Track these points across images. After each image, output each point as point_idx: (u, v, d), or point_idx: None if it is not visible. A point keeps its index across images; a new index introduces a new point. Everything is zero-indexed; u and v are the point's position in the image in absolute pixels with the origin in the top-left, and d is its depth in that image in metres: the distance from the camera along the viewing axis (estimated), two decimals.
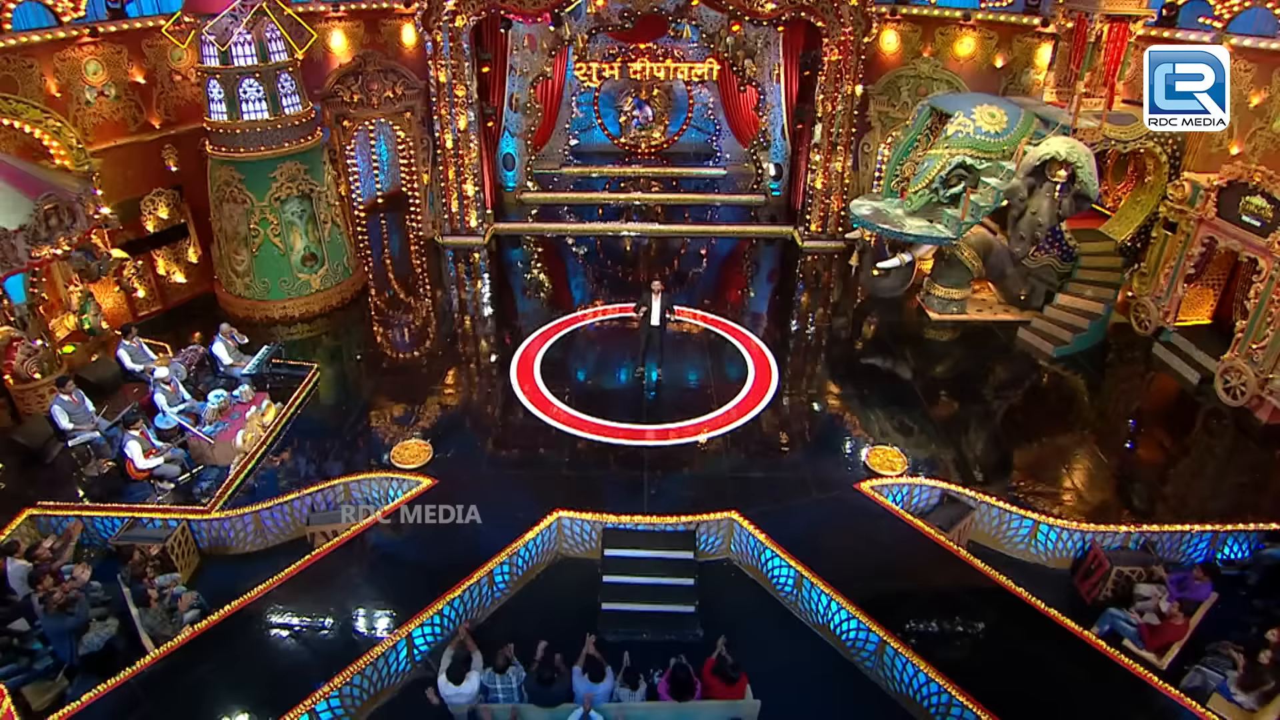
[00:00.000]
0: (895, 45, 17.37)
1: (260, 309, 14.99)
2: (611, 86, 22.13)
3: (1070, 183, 12.96)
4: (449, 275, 17.64)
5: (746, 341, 14.48)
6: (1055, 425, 12.40)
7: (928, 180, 14.11)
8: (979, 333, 15.09)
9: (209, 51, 13.40)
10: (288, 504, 10.22)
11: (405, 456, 11.11)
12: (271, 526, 10.21)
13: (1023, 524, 10.02)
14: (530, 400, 12.58)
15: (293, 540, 10.19)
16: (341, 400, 12.91)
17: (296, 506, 10.28)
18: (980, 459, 11.48)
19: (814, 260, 18.26)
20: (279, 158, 14.20)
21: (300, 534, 10.18)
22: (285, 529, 10.27)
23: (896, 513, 10.12)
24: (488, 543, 9.41)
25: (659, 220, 19.86)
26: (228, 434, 11.08)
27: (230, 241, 14.66)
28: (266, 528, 10.19)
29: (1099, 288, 14.29)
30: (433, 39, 16.58)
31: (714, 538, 9.96)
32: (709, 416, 12.19)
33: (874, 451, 11.37)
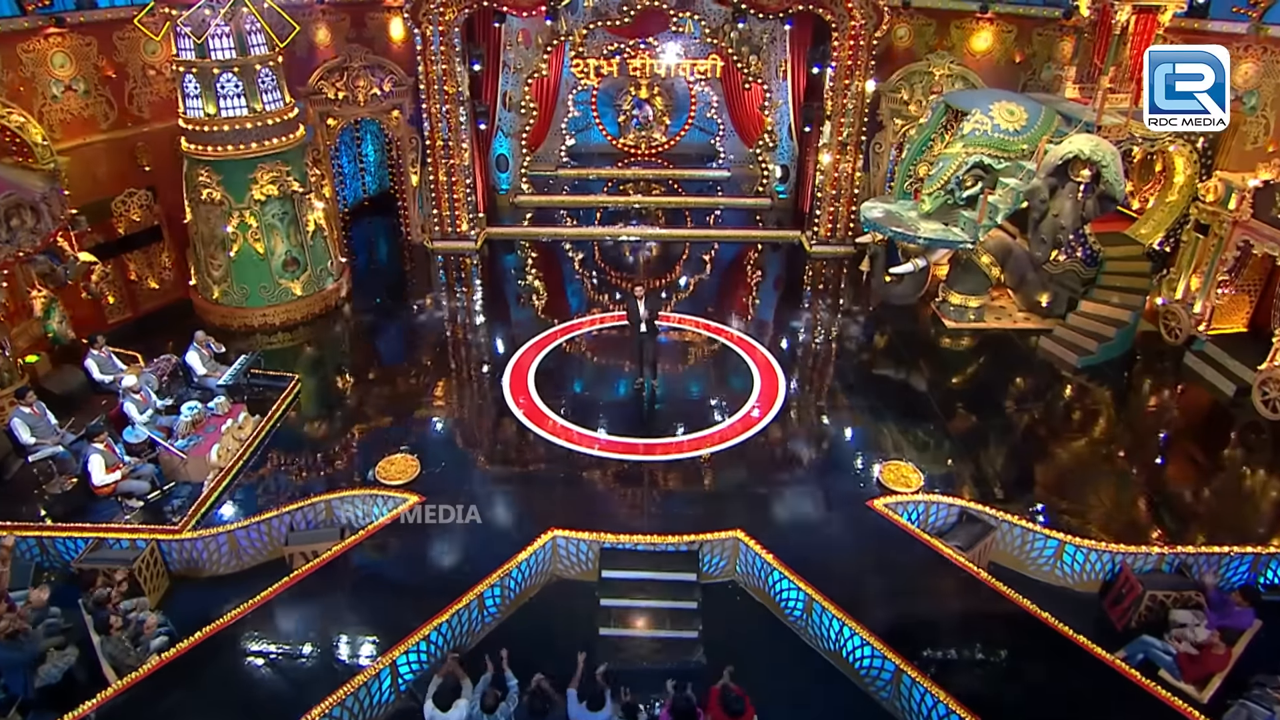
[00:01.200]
0: (908, 40, 17.35)
1: (239, 316, 14.87)
2: (610, 85, 22.09)
3: (1094, 183, 12.87)
4: (439, 281, 17.55)
5: (752, 351, 14.37)
6: (1080, 440, 12.25)
7: (943, 181, 14.02)
8: (998, 342, 14.98)
9: (184, 44, 13.32)
10: (265, 523, 10.06)
11: (391, 472, 10.97)
12: (248, 547, 10.05)
13: (1047, 544, 9.87)
14: (524, 412, 12.46)
15: (271, 561, 10.02)
16: (324, 413, 12.80)
17: (275, 525, 10.13)
18: (1000, 475, 11.33)
19: (823, 266, 18.18)
20: (259, 157, 14.09)
21: (278, 555, 10.02)
22: (263, 549, 10.12)
23: (913, 532, 9.97)
24: (478, 563, 9.26)
25: (660, 224, 19.78)
26: (202, 448, 10.93)
27: (207, 245, 14.54)
28: (242, 548, 10.03)
29: (1126, 294, 14.17)
30: (422, 33, 16.53)
31: (718, 558, 9.82)
32: (713, 430, 12.05)
33: (887, 467, 11.23)
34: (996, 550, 10.16)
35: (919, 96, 17.14)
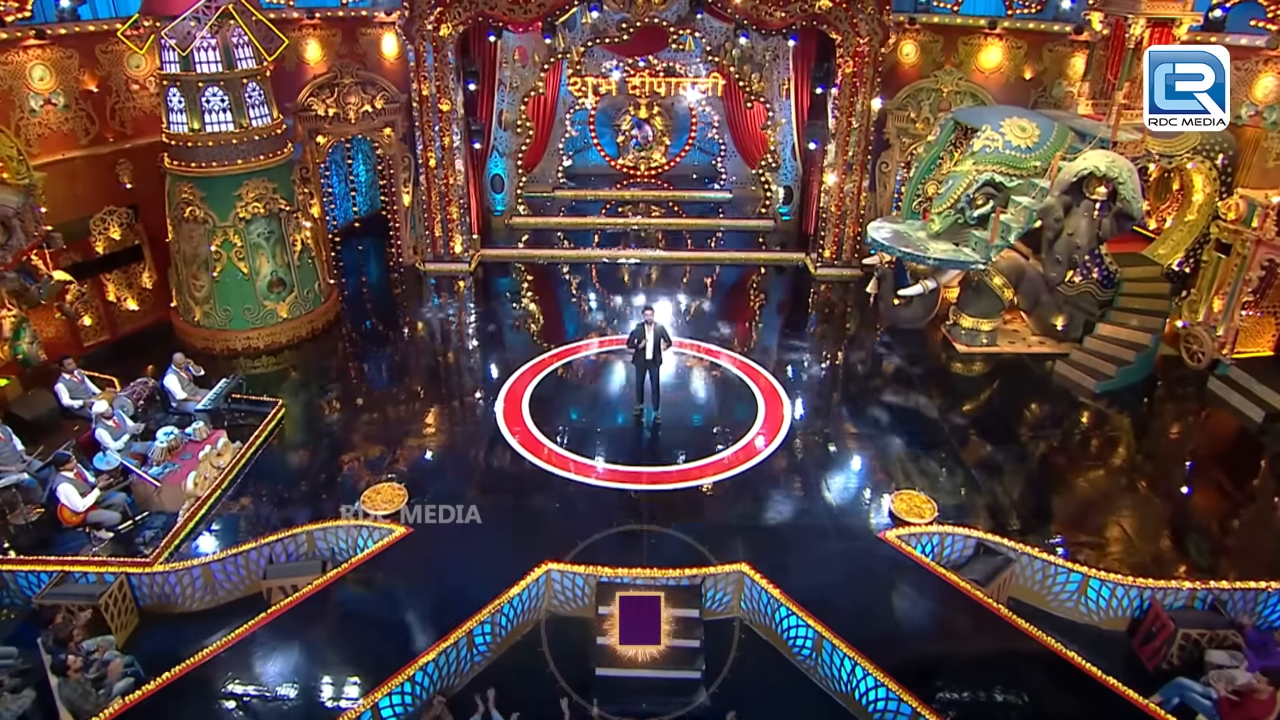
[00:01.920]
0: (914, 57, 17.30)
1: (221, 339, 14.63)
2: (609, 104, 22.06)
3: (1111, 200, 12.75)
4: (431, 305, 17.37)
5: (756, 376, 14.14)
6: (1101, 468, 12.02)
7: (953, 200, 13.90)
8: (1011, 366, 14.78)
9: (169, 57, 13.22)
10: (243, 555, 9.76)
11: (377, 501, 10.73)
12: (224, 580, 9.74)
13: (1070, 578, 9.57)
14: (517, 440, 12.23)
15: (248, 596, 9.70)
16: (308, 440, 12.58)
17: (253, 558, 9.82)
18: (1016, 506, 11.06)
19: (828, 289, 18.02)
20: (245, 174, 13.96)
21: (256, 589, 9.70)
22: (240, 583, 9.80)
23: (927, 565, 9.69)
24: (467, 599, 8.96)
25: (660, 246, 19.63)
26: (177, 476, 10.64)
27: (189, 265, 14.34)
28: (218, 582, 9.71)
29: (1145, 316, 13.97)
30: (415, 49, 16.48)
31: (722, 593, 9.52)
32: (716, 458, 11.82)
33: (900, 497, 10.97)
34: (1015, 585, 9.86)
35: (926, 114, 17.07)
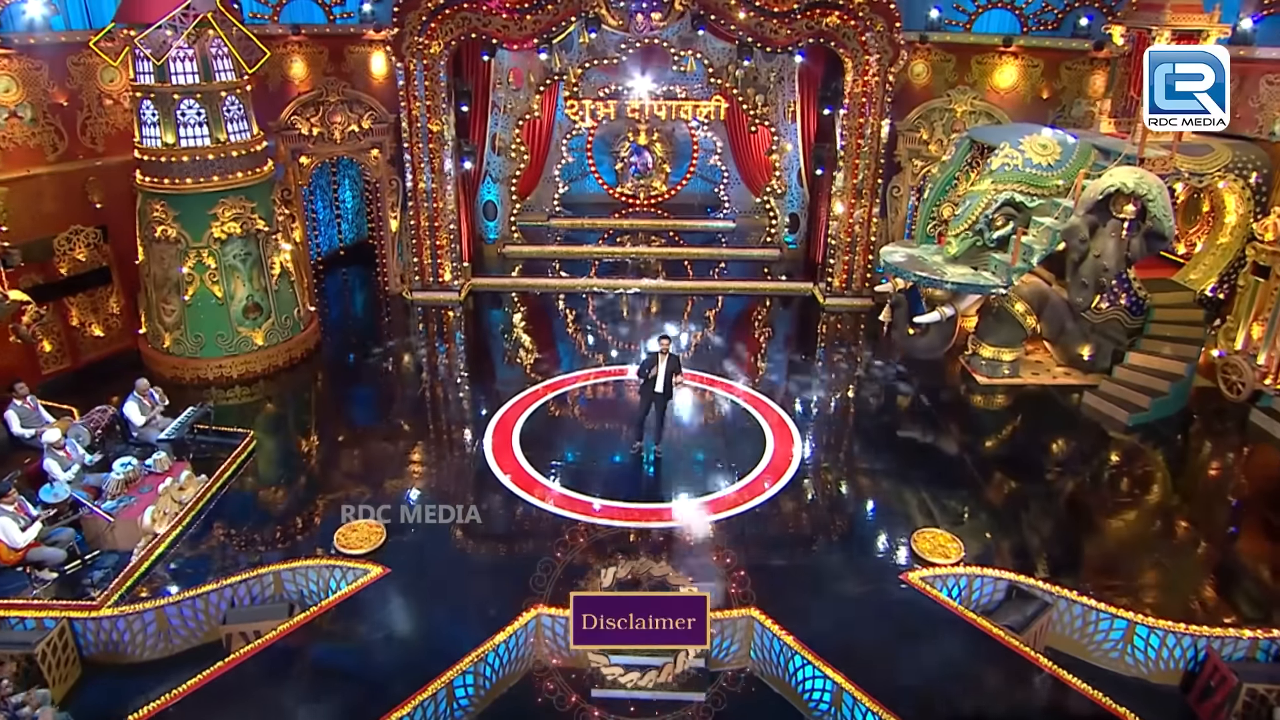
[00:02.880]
0: (925, 77, 17.08)
1: (191, 368, 14.12)
2: (607, 131, 21.85)
3: (1140, 219, 12.39)
4: (417, 335, 16.93)
5: (764, 410, 13.67)
6: (1137, 507, 11.55)
7: (970, 221, 13.50)
8: (1036, 399, 14.33)
9: (143, 67, 12.92)
10: (201, 597, 9.18)
11: (352, 540, 10.22)
12: (180, 626, 9.14)
13: (1114, 625, 8.97)
14: (506, 474, 11.73)
15: (208, 644, 9.11)
16: (281, 475, 12.13)
17: (213, 600, 9.24)
18: (1046, 547, 10.53)
19: (838, 320, 17.61)
20: (221, 192, 13.57)
21: (216, 636, 9.09)
22: (197, 629, 9.21)
23: (956, 610, 9.14)
24: (448, 646, 8.44)
25: (660, 276, 19.24)
26: (133, 510, 10.09)
27: (159, 288, 13.89)
28: (173, 628, 9.11)
29: (1179, 345, 13.48)
30: (405, 66, 16.24)
31: (729, 641, 8.95)
32: (722, 493, 11.32)
33: (922, 536, 10.43)
34: (1052, 632, 9.26)
35: (939, 135, 16.79)
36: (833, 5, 15.75)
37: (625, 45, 17.99)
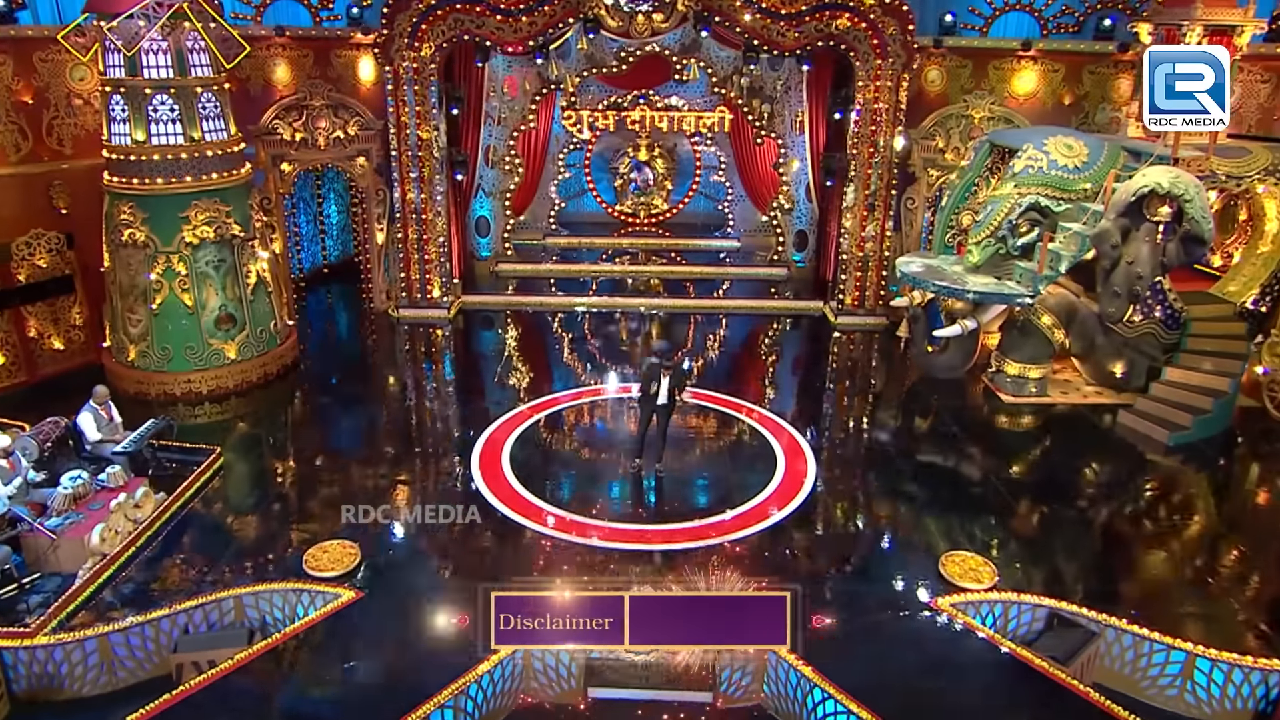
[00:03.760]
0: (940, 84, 16.77)
1: (157, 383, 13.53)
2: (606, 146, 21.52)
3: (1176, 222, 11.92)
4: (402, 353, 16.39)
5: (776, 430, 13.09)
6: (1183, 532, 10.91)
7: (993, 227, 13.13)
8: (1066, 418, 13.75)
9: (113, 60, 12.52)
10: (152, 624, 8.51)
11: (323, 561, 9.65)
12: (126, 657, 8.44)
13: (1170, 657, 8.26)
14: (492, 492, 11.16)
15: (156, 677, 8.42)
16: (249, 494, 11.59)
17: (164, 628, 8.58)
18: (1086, 576, 9.90)
19: (851, 339, 17.11)
20: (194, 193, 13.11)
21: (166, 669, 8.41)
22: (146, 660, 8.52)
23: (993, 639, 8.52)
24: (424, 679, 7.81)
25: (662, 296, 18.76)
26: (81, 528, 9.43)
27: (125, 296, 13.36)
28: (119, 659, 8.41)
29: (1220, 359, 12.91)
30: (394, 70, 15.88)
31: (740, 674, 8.29)
32: (730, 515, 10.75)
33: (951, 559, 9.81)
34: (1100, 665, 8.57)
35: (956, 143, 16.40)
36: (843, 7, 15.45)
37: (625, 53, 17.64)
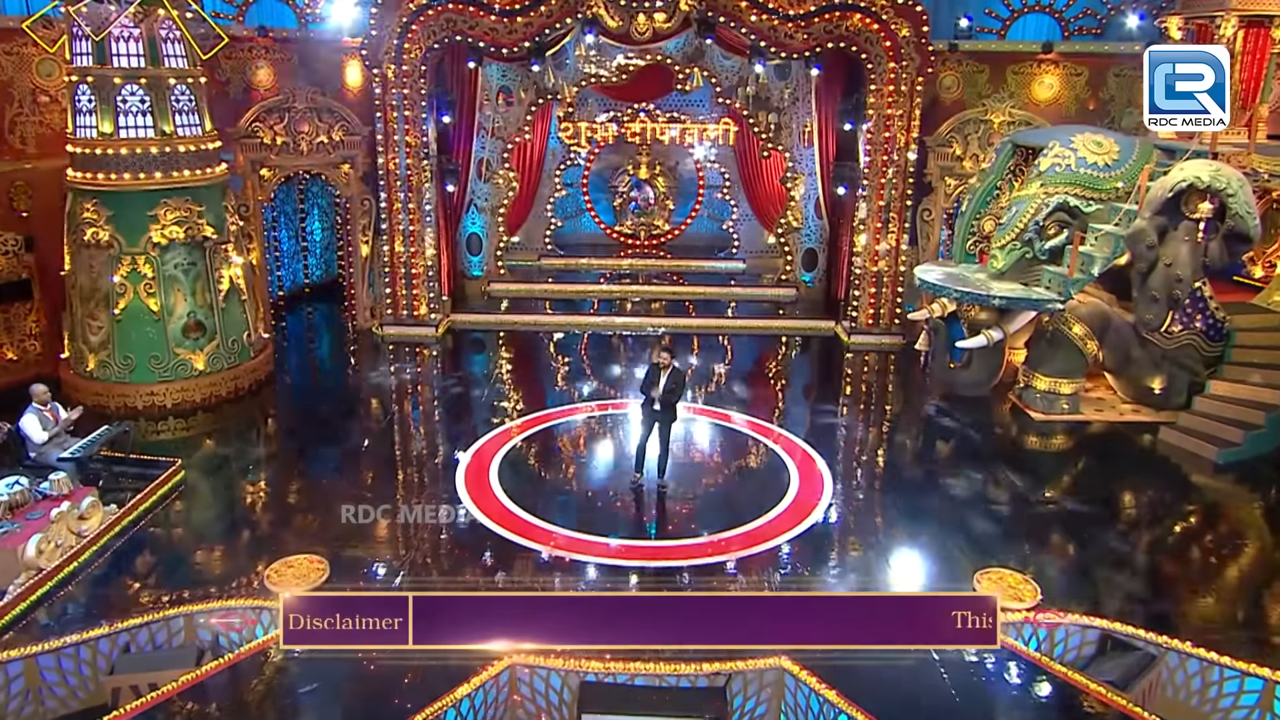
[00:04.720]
0: (956, 90, 16.40)
1: (118, 394, 12.88)
2: (604, 165, 21.15)
3: (1218, 219, 11.39)
4: (384, 373, 15.72)
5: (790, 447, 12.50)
6: (1242, 556, 10.25)
7: (1018, 229, 12.66)
8: (1102, 436, 13.10)
9: (81, 47, 12.11)
10: (89, 645, 7.82)
11: (287, 577, 9.03)
12: (56, 683, 7.75)
13: (1245, 685, 7.57)
14: (476, 503, 10.62)
15: (90, 707, 7.73)
16: (210, 509, 10.98)
17: (103, 649, 7.90)
18: (1138, 602, 9.15)
19: (865, 359, 16.52)
20: (163, 191, 12.63)
21: (103, 698, 7.69)
22: (80, 686, 7.82)
23: (1040, 662, 7.82)
24: (402, 699, 7.36)
25: (662, 315, 18.23)
26: (15, 539, 8.74)
27: (86, 301, 12.78)
28: (48, 684, 7.72)
29: (1270, 371, 12.27)
30: (382, 73, 15.51)
31: (754, 699, 7.70)
32: (739, 530, 10.16)
33: (987, 575, 9.15)
34: (1163, 693, 7.85)
35: (975, 149, 15.98)
36: (853, 7, 15.12)
37: (625, 61, 17.33)
